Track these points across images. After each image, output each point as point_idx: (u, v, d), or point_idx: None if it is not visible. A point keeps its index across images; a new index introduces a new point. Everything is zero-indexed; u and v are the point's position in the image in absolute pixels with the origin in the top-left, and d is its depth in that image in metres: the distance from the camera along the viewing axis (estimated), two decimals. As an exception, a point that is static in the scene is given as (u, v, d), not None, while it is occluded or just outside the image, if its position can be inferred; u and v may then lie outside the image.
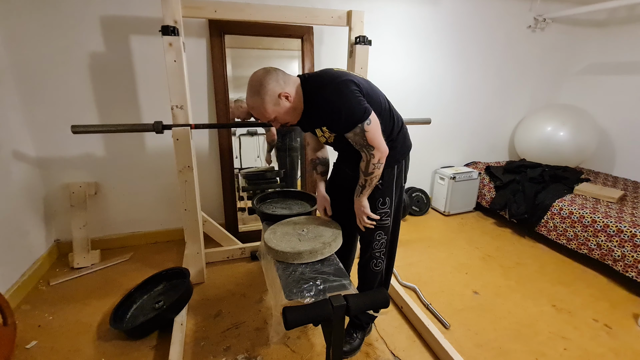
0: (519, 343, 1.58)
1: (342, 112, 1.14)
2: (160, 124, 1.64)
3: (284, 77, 1.21)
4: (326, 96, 1.17)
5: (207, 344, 1.53)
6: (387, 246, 1.44)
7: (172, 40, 1.56)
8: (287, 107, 1.20)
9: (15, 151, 1.89)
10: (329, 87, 1.17)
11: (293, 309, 0.92)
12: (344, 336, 1.52)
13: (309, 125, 1.34)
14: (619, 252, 2.01)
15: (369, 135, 1.16)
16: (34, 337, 1.55)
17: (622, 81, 3.04)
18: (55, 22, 1.90)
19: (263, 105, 1.17)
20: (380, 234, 1.40)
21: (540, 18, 3.00)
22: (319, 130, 1.28)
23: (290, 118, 1.25)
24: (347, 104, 1.14)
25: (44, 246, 2.12)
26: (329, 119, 1.20)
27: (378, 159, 1.20)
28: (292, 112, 1.23)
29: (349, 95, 1.15)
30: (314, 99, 1.21)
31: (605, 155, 3.19)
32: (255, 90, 1.17)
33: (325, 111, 1.18)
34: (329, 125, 1.22)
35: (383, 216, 1.37)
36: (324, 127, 1.25)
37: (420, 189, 3.11)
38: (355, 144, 1.21)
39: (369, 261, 1.45)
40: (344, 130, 1.18)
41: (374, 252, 1.43)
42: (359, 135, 1.17)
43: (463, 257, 2.35)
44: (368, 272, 1.48)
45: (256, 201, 1.69)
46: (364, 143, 1.18)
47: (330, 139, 1.28)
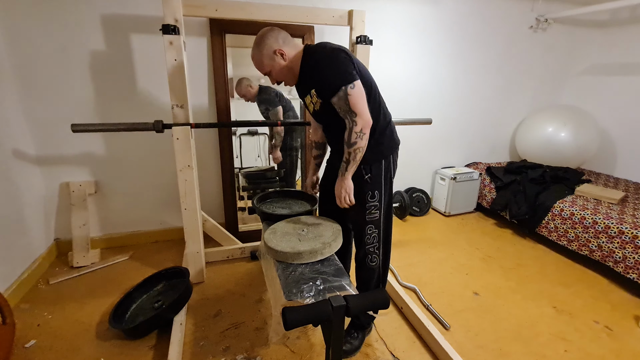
0: (519, 344, 1.57)
1: (328, 71, 1.21)
2: (161, 123, 1.63)
3: (285, 37, 1.31)
4: (317, 57, 1.25)
5: (207, 343, 1.52)
6: (381, 240, 1.45)
7: (173, 39, 1.56)
8: (282, 64, 1.30)
9: (15, 150, 1.89)
10: (322, 51, 1.25)
11: (293, 309, 0.91)
12: (345, 336, 1.53)
13: (303, 92, 1.39)
14: (620, 254, 2.00)
15: (351, 99, 1.19)
16: (33, 336, 1.54)
17: (624, 82, 3.03)
18: (56, 21, 1.90)
19: (260, 57, 1.30)
20: (371, 228, 1.41)
21: (542, 18, 2.99)
22: (308, 97, 1.34)
23: (284, 76, 1.33)
24: (333, 65, 1.20)
25: (44, 245, 2.12)
26: (316, 79, 1.26)
27: (361, 127, 1.21)
28: (287, 71, 1.32)
29: (337, 58, 1.21)
30: (309, 62, 1.28)
31: (607, 157, 3.19)
32: (257, 43, 1.30)
33: (315, 71, 1.25)
34: (316, 87, 1.28)
35: (373, 209, 1.39)
36: (312, 91, 1.30)
37: (420, 190, 3.10)
38: (339, 110, 1.23)
39: (364, 257, 1.46)
40: (328, 93, 1.22)
41: (367, 247, 1.44)
42: (342, 100, 1.19)
43: (463, 257, 2.34)
44: (364, 268, 1.49)
45: (256, 201, 1.69)
46: (347, 108, 1.21)
47: (317, 105, 1.32)
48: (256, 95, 2.40)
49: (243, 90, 2.35)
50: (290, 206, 1.69)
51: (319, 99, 1.29)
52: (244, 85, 2.34)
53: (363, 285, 1.54)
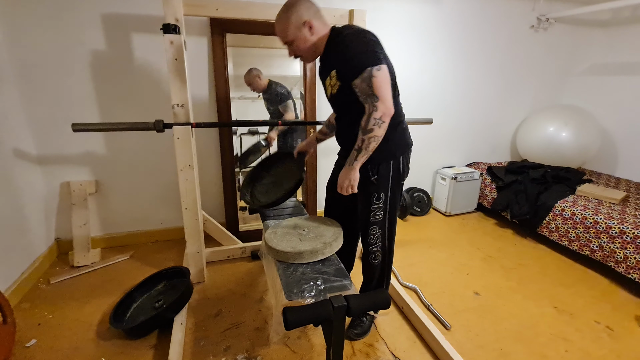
0: (520, 344, 1.57)
1: (354, 51, 1.15)
2: (161, 123, 1.63)
3: (317, 11, 1.25)
4: (343, 37, 1.19)
5: (207, 343, 1.52)
6: (385, 240, 1.45)
7: (174, 38, 1.56)
8: (307, 38, 1.23)
9: (15, 149, 1.89)
10: (349, 31, 1.20)
11: (293, 309, 0.91)
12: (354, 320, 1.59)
13: (323, 72, 1.34)
14: (621, 254, 2.00)
15: (376, 81, 1.12)
16: (33, 335, 1.54)
17: (626, 82, 3.02)
18: (57, 20, 1.90)
19: (286, 24, 1.21)
20: (374, 229, 1.41)
21: (543, 18, 2.99)
22: (328, 78, 1.29)
23: (305, 51, 1.26)
24: (361, 44, 1.15)
25: (44, 244, 2.12)
26: (340, 59, 1.20)
27: (381, 114, 1.14)
28: (310, 47, 1.25)
29: (365, 38, 1.17)
30: (335, 40, 1.23)
31: (608, 156, 3.18)
32: (286, 8, 1.22)
33: (339, 50, 1.19)
34: (339, 67, 1.22)
35: (377, 211, 1.38)
36: (333, 72, 1.25)
37: (421, 189, 3.10)
38: (361, 93, 1.16)
39: (367, 256, 1.48)
40: (351, 73, 1.15)
41: (370, 247, 1.45)
42: (366, 82, 1.13)
43: (464, 257, 2.34)
44: (367, 266, 1.52)
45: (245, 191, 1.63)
46: (369, 91, 1.14)
47: (335, 88, 1.26)
48: (264, 88, 2.39)
49: (251, 79, 2.34)
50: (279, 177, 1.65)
51: (339, 81, 1.23)
52: (253, 74, 2.34)
53: (366, 282, 1.57)
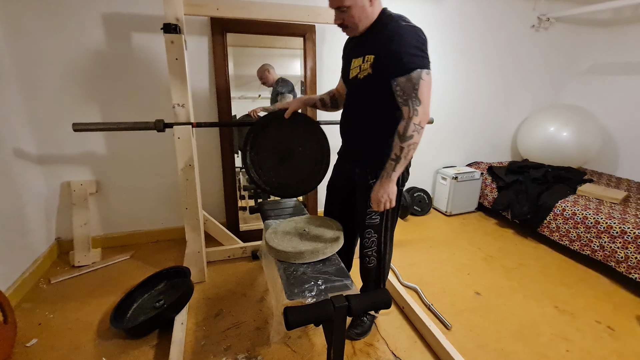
0: (521, 344, 1.57)
1: (409, 47, 1.07)
2: (162, 122, 1.63)
3: None
4: (400, 27, 1.11)
5: (208, 343, 1.52)
6: (379, 245, 1.43)
7: (174, 38, 1.55)
8: (366, 6, 1.14)
9: (16, 149, 1.89)
10: (406, 23, 1.13)
11: (294, 309, 0.91)
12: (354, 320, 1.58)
13: (354, 52, 1.26)
14: (622, 254, 2.00)
15: (423, 85, 1.08)
16: (34, 335, 1.54)
17: (626, 81, 3.02)
18: (57, 20, 1.90)
19: None
20: (369, 232, 1.40)
21: (544, 17, 2.98)
22: (358, 60, 1.21)
23: (356, 21, 1.16)
24: (417, 43, 1.09)
25: (45, 244, 2.12)
26: (388, 48, 1.10)
27: (420, 119, 1.10)
28: (364, 17, 1.16)
29: (421, 38, 1.11)
30: (384, 24, 1.15)
31: (609, 156, 3.17)
32: None
33: (391, 39, 1.10)
34: (381, 56, 1.13)
35: (373, 215, 1.36)
36: (369, 57, 1.16)
37: (421, 189, 3.10)
38: (401, 93, 1.11)
39: (363, 259, 1.49)
40: (398, 69, 1.09)
41: (365, 250, 1.44)
42: (412, 83, 1.07)
43: (465, 257, 2.34)
44: (362, 268, 1.52)
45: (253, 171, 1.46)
46: (412, 94, 1.08)
47: (363, 74, 1.18)
48: (273, 83, 2.40)
49: (262, 72, 2.36)
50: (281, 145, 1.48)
51: (371, 69, 1.15)
52: (263, 68, 2.35)
53: (364, 285, 1.57)
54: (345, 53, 1.37)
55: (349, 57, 1.30)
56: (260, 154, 1.48)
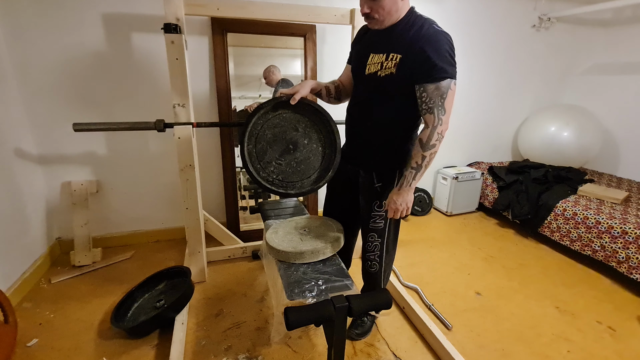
0: (521, 345, 1.57)
1: (444, 54, 1.05)
2: (162, 122, 1.63)
3: None
4: (435, 31, 1.07)
5: (208, 343, 1.52)
6: (382, 250, 1.41)
7: (175, 38, 1.55)
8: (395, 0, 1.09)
9: (17, 149, 1.89)
10: (439, 28, 1.09)
11: (295, 309, 0.91)
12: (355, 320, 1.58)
13: (377, 45, 1.18)
14: (623, 254, 1.99)
15: (450, 95, 1.07)
16: (35, 335, 1.55)
17: (627, 81, 3.01)
18: (58, 20, 1.90)
19: None
20: (373, 236, 1.37)
21: (545, 17, 2.98)
22: (380, 56, 1.14)
23: (385, 12, 1.09)
24: (450, 52, 1.07)
25: (46, 244, 2.12)
26: (420, 52, 1.05)
27: (443, 129, 1.09)
28: (395, 11, 1.10)
29: (452, 47, 1.09)
30: (416, 24, 1.10)
31: (610, 156, 3.17)
32: None
33: (424, 41, 1.05)
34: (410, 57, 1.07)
35: (377, 219, 1.33)
36: (395, 56, 1.09)
37: (422, 189, 3.10)
38: (427, 99, 1.07)
39: (365, 263, 1.47)
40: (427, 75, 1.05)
41: (368, 254, 1.42)
42: (441, 91, 1.05)
43: (465, 257, 2.34)
44: (365, 272, 1.51)
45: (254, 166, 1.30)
46: (439, 102, 1.06)
47: (384, 72, 1.12)
48: (276, 83, 2.40)
49: (266, 73, 2.37)
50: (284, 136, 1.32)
51: (395, 69, 1.10)
52: (269, 69, 2.36)
53: (365, 281, 1.57)
54: (362, 44, 1.27)
55: (366, 51, 1.21)
56: (260, 145, 1.31)
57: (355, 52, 1.30)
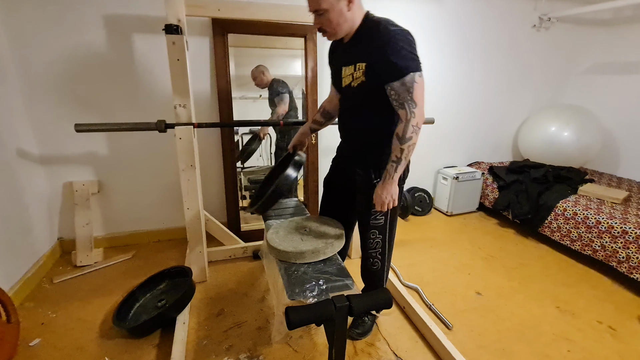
0: (522, 344, 1.57)
1: (401, 52, 1.07)
2: (163, 123, 1.64)
3: None
4: (390, 32, 1.09)
5: (209, 342, 1.53)
6: (384, 246, 1.43)
7: (176, 39, 1.56)
8: (343, 11, 1.12)
9: (18, 149, 1.90)
10: (396, 28, 1.11)
11: (296, 309, 0.92)
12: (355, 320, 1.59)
13: (343, 60, 1.24)
14: (623, 254, 1.99)
15: (417, 88, 1.10)
16: (37, 334, 1.55)
17: (627, 81, 3.01)
18: (59, 21, 1.91)
19: None
20: (374, 233, 1.39)
21: (545, 17, 2.98)
22: (349, 68, 1.20)
23: (334, 25, 1.14)
24: (408, 47, 1.09)
25: (47, 244, 2.13)
26: (378, 55, 1.10)
27: (417, 121, 1.12)
28: (343, 22, 1.14)
29: (411, 41, 1.10)
30: (372, 29, 1.13)
31: (610, 156, 3.17)
32: None
33: (381, 45, 1.09)
34: (373, 62, 1.12)
35: (378, 215, 1.35)
36: (360, 65, 1.15)
37: (422, 189, 3.10)
38: (397, 97, 1.12)
39: (366, 260, 1.47)
40: (391, 75, 1.09)
41: (370, 251, 1.44)
42: (407, 86, 1.09)
43: (466, 257, 2.34)
44: (367, 272, 1.51)
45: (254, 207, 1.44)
46: (407, 97, 1.10)
47: (357, 82, 1.18)
48: (267, 85, 2.40)
49: (256, 74, 2.37)
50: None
51: (365, 77, 1.15)
52: (259, 69, 2.36)
53: (365, 281, 1.58)
54: (333, 61, 1.36)
55: (339, 65, 1.29)
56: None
57: (332, 69, 1.39)
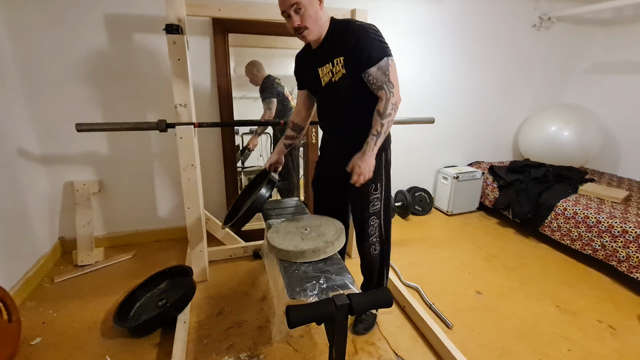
0: (522, 344, 1.57)
1: (372, 41, 1.21)
2: (164, 123, 1.64)
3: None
4: (358, 26, 1.23)
5: (210, 342, 1.53)
6: (381, 230, 1.50)
7: (176, 38, 1.56)
8: (317, 10, 1.24)
9: (20, 149, 1.91)
10: (360, 22, 1.26)
11: (296, 308, 0.92)
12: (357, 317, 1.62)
13: (318, 60, 1.33)
14: (623, 253, 2.00)
15: (392, 70, 1.23)
16: (38, 334, 1.56)
17: (628, 80, 3.01)
18: (60, 20, 1.91)
19: None
20: (373, 219, 1.46)
21: (545, 17, 2.98)
22: (327, 66, 1.30)
23: (312, 21, 1.24)
24: (377, 36, 1.23)
25: (48, 244, 2.13)
26: (353, 47, 1.22)
27: (395, 100, 1.24)
28: (319, 19, 1.25)
29: (377, 31, 1.25)
30: (343, 28, 1.26)
31: (610, 155, 3.17)
32: None
33: (354, 38, 1.22)
34: (349, 55, 1.24)
35: (375, 201, 1.43)
36: (339, 59, 1.26)
37: (423, 189, 3.10)
38: (375, 81, 1.24)
39: (367, 248, 1.51)
40: (368, 62, 1.22)
41: (370, 238, 1.48)
42: (383, 70, 1.22)
43: (466, 257, 2.34)
44: (367, 259, 1.54)
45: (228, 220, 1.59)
46: (385, 79, 1.23)
47: (337, 76, 1.28)
48: (260, 82, 2.41)
49: (246, 72, 2.38)
50: None
51: (344, 69, 1.26)
52: (248, 68, 2.37)
53: (367, 274, 1.60)
54: (304, 68, 1.45)
55: (313, 69, 1.37)
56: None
57: (304, 76, 1.48)
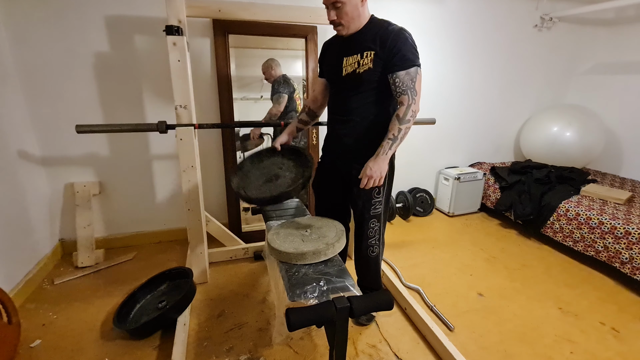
0: (524, 346, 1.56)
1: (409, 46, 1.25)
2: (164, 124, 1.64)
3: None
4: (397, 30, 1.27)
5: (210, 344, 1.53)
6: (381, 232, 1.52)
7: (176, 40, 1.56)
8: (358, 6, 1.26)
9: (20, 150, 1.91)
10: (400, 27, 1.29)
11: (296, 310, 0.91)
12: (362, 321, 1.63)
13: (347, 49, 1.34)
14: (626, 255, 1.98)
15: (418, 80, 1.27)
16: (38, 335, 1.55)
17: (630, 81, 3.00)
18: (61, 22, 1.91)
19: None
20: (374, 222, 1.47)
21: (547, 17, 2.97)
22: (355, 57, 1.31)
23: (349, 18, 1.27)
24: (413, 44, 1.27)
25: (49, 245, 2.13)
26: (389, 46, 1.24)
27: (416, 108, 1.26)
28: (357, 16, 1.28)
29: (413, 40, 1.29)
30: (381, 26, 1.29)
31: (613, 156, 3.15)
32: None
33: (391, 39, 1.24)
34: (382, 53, 1.25)
35: (377, 205, 1.44)
36: (369, 53, 1.27)
37: (424, 190, 3.09)
38: (400, 84, 1.25)
39: (365, 249, 1.52)
40: (399, 64, 1.24)
41: (370, 240, 1.50)
42: (411, 76, 1.25)
43: (467, 258, 2.33)
44: (364, 260, 1.56)
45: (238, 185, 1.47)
46: (411, 85, 1.25)
47: (363, 68, 1.29)
48: (275, 78, 2.40)
49: (264, 67, 2.37)
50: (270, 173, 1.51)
51: (372, 65, 1.27)
52: (267, 63, 2.36)
53: (364, 274, 1.62)
54: (330, 55, 1.45)
55: (338, 57, 1.38)
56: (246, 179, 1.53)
57: (327, 63, 1.48)
